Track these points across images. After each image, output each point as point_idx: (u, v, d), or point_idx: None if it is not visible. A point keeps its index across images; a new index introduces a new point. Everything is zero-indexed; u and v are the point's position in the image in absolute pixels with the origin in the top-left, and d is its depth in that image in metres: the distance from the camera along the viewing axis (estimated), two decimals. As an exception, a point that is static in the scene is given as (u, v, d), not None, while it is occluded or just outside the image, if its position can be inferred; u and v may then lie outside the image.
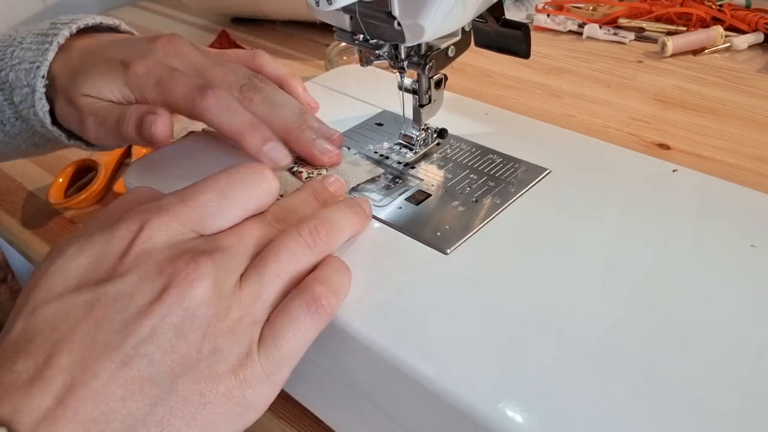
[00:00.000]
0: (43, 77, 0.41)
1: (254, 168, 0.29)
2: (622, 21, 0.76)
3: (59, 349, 0.23)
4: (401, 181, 0.39)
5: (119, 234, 0.26)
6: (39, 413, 0.22)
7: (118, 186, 0.57)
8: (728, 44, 0.70)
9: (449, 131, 0.42)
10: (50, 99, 0.41)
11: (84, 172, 0.59)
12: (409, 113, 0.41)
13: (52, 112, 0.42)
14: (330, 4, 0.30)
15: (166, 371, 0.23)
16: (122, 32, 0.47)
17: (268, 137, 0.37)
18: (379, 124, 0.45)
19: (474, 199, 0.37)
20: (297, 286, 0.28)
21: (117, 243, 0.25)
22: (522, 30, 0.40)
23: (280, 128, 0.38)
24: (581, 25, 0.76)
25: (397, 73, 0.39)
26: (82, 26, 0.44)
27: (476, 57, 0.70)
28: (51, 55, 0.41)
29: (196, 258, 0.25)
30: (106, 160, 0.58)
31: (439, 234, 0.34)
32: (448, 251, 0.33)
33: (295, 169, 0.38)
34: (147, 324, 0.24)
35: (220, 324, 0.25)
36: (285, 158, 0.38)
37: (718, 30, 0.70)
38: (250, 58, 0.45)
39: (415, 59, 0.37)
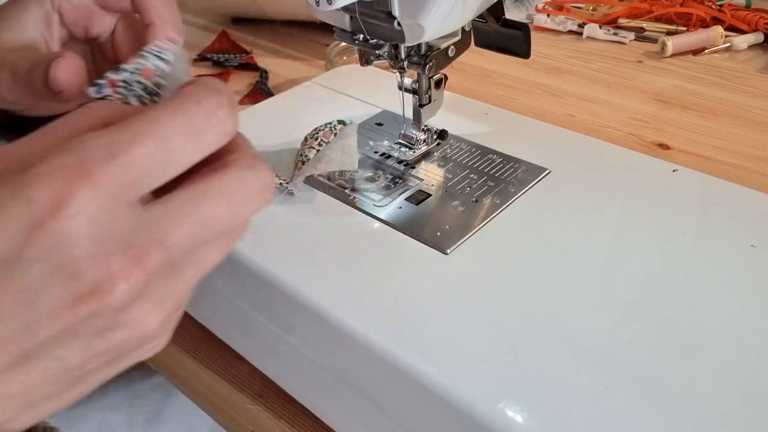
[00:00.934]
0: None
1: (207, 104, 0.22)
2: (622, 21, 0.76)
3: None
4: (401, 180, 0.39)
5: (34, 199, 0.20)
6: None
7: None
8: (728, 44, 0.70)
9: (449, 131, 0.42)
10: None
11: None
12: (409, 113, 0.41)
13: None
14: (330, 4, 0.30)
15: (76, 363, 0.22)
16: None
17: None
18: (379, 124, 0.45)
19: (474, 199, 0.37)
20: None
21: (29, 210, 0.20)
22: (522, 30, 0.40)
23: None
24: (581, 25, 0.76)
25: (397, 73, 0.39)
26: None
27: (476, 57, 0.70)
28: None
29: (123, 271, 0.21)
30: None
31: (439, 234, 0.34)
32: (448, 251, 0.33)
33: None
34: (53, 329, 0.21)
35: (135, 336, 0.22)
36: None
37: (718, 30, 0.70)
38: None
39: (415, 59, 0.37)
